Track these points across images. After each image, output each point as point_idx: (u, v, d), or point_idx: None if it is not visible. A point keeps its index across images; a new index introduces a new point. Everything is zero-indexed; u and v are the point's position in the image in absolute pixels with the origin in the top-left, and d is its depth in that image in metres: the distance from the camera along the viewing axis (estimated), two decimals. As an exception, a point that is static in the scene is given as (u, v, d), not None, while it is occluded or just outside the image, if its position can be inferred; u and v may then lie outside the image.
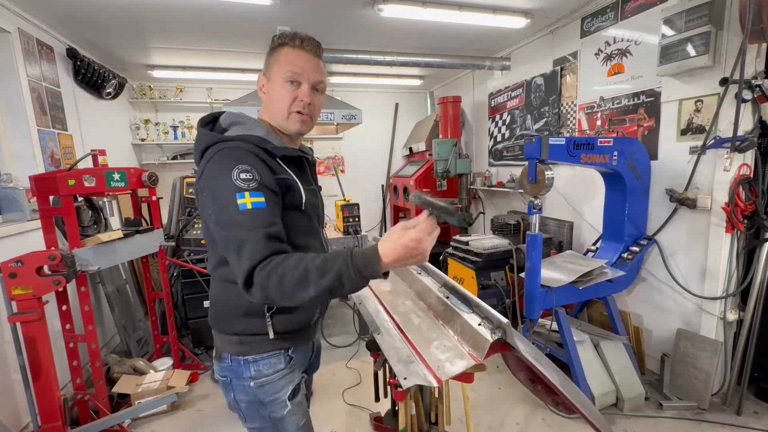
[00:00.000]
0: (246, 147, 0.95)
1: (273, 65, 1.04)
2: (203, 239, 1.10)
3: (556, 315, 2.26)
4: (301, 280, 0.81)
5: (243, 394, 1.04)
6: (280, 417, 1.05)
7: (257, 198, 0.89)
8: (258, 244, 0.85)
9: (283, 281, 0.82)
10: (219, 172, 0.91)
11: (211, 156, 0.95)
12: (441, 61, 3.85)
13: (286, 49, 1.03)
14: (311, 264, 0.83)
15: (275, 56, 1.04)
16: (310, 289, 0.82)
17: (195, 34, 3.31)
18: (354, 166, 5.73)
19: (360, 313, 1.65)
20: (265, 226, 0.88)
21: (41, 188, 2.13)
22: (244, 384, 1.03)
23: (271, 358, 1.04)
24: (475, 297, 1.21)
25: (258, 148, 0.97)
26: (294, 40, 1.02)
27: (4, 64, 2.56)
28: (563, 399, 1.03)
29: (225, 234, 0.89)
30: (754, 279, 2.24)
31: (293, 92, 1.03)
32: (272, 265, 0.83)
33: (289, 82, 1.02)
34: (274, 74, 1.03)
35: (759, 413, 2.26)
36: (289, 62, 1.02)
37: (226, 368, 1.05)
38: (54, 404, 1.98)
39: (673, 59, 2.31)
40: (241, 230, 0.86)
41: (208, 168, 0.94)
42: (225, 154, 0.93)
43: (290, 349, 1.07)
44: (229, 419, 2.42)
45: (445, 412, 1.77)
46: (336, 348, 3.24)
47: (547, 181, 2.10)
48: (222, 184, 0.89)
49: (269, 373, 1.03)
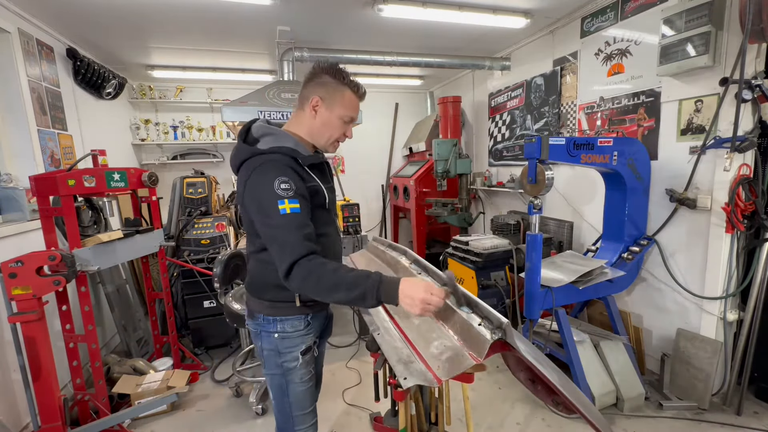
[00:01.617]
0: (282, 160, 1.17)
1: (337, 102, 1.25)
2: (244, 230, 1.35)
3: (556, 315, 2.26)
4: (334, 287, 1.08)
5: (267, 343, 1.32)
6: (291, 368, 1.32)
7: (294, 204, 1.12)
8: (297, 244, 1.10)
9: (319, 283, 1.08)
10: (263, 181, 1.13)
11: (254, 167, 1.16)
12: (441, 61, 3.86)
13: (350, 94, 1.26)
14: (344, 277, 1.08)
15: (339, 95, 1.25)
16: (337, 296, 1.09)
17: (195, 34, 3.31)
18: (354, 166, 5.73)
19: (360, 313, 1.65)
20: (301, 227, 1.12)
21: (41, 188, 2.13)
22: (270, 336, 1.30)
23: (294, 320, 1.30)
24: (475, 297, 1.21)
25: (291, 159, 1.19)
26: (357, 89, 1.28)
27: (4, 64, 2.56)
28: (563, 399, 1.03)
29: (270, 232, 1.13)
30: (754, 279, 2.24)
31: (344, 128, 1.30)
32: (312, 266, 1.09)
33: (344, 122, 1.28)
34: (336, 109, 1.25)
35: (759, 413, 2.26)
36: (352, 108, 1.28)
37: (258, 324, 1.32)
38: (54, 404, 1.98)
39: (673, 59, 2.31)
40: (283, 231, 1.11)
41: (252, 177, 1.16)
42: (267, 167, 1.15)
43: (309, 315, 1.33)
44: (229, 419, 2.42)
45: (445, 412, 1.78)
46: (336, 348, 3.24)
47: (547, 181, 2.10)
48: (266, 192, 1.12)
49: (290, 331, 1.30)
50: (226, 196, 4.30)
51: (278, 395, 1.36)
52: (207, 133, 4.92)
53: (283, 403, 1.36)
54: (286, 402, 1.36)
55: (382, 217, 5.98)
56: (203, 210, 3.50)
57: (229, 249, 3.16)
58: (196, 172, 3.87)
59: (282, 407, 1.37)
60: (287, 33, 3.31)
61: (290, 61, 3.47)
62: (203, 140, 4.90)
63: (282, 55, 3.46)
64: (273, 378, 1.35)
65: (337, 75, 1.24)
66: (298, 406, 1.36)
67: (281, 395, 1.36)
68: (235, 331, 3.20)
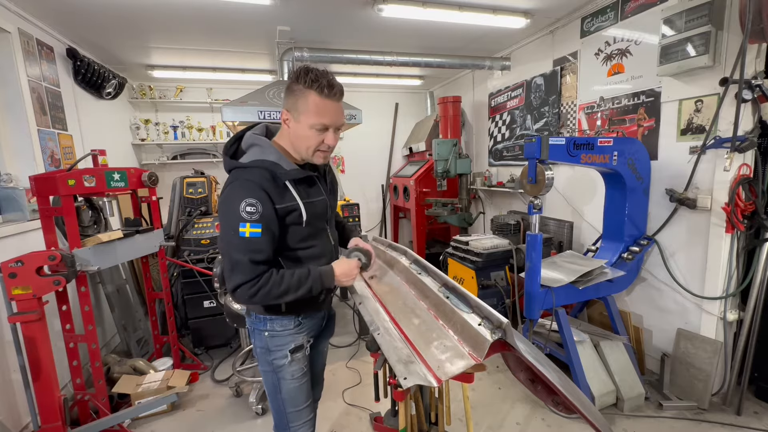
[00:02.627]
0: (257, 179, 1.15)
1: (300, 111, 1.16)
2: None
3: (556, 315, 2.26)
4: (283, 293, 1.19)
5: (259, 341, 1.38)
6: (281, 365, 1.36)
7: (255, 229, 1.14)
8: (247, 267, 1.14)
9: (270, 294, 1.17)
10: (232, 199, 1.14)
11: (230, 182, 1.19)
12: (441, 61, 3.85)
13: (314, 97, 1.14)
14: (290, 282, 1.19)
15: (303, 101, 1.15)
16: (287, 298, 1.21)
17: (195, 34, 3.31)
18: (354, 166, 5.73)
19: (360, 313, 1.66)
20: (255, 252, 1.15)
21: (41, 188, 2.13)
22: (261, 333, 1.36)
23: (283, 320, 1.35)
24: (475, 297, 1.21)
25: (268, 176, 1.17)
26: (322, 90, 1.13)
27: (4, 64, 2.56)
28: (563, 399, 1.03)
29: (226, 248, 1.16)
30: (754, 279, 2.24)
31: (320, 136, 1.19)
32: (260, 283, 1.16)
33: (316, 130, 1.18)
34: (302, 119, 1.17)
35: (759, 413, 2.26)
36: (318, 114, 1.15)
37: (252, 321, 1.38)
38: (54, 404, 1.98)
39: (673, 59, 2.31)
40: (237, 252, 1.14)
41: (225, 192, 1.18)
42: (239, 186, 1.15)
43: (300, 316, 1.37)
44: (229, 419, 2.42)
45: (445, 412, 1.77)
46: (336, 348, 3.24)
47: (547, 181, 2.10)
48: (232, 211, 1.13)
49: (279, 330, 1.35)
50: (226, 196, 4.29)
51: (272, 392, 1.41)
52: (207, 133, 4.92)
53: (276, 400, 1.40)
54: (279, 399, 1.40)
55: (382, 217, 5.98)
56: (203, 210, 3.50)
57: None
58: (196, 172, 3.87)
59: (276, 404, 1.41)
60: (287, 33, 3.31)
61: (290, 61, 3.47)
62: (203, 140, 4.90)
63: (282, 55, 3.46)
64: (266, 375, 1.40)
65: (300, 78, 1.14)
66: (291, 403, 1.40)
67: (274, 392, 1.40)
68: (235, 331, 3.20)
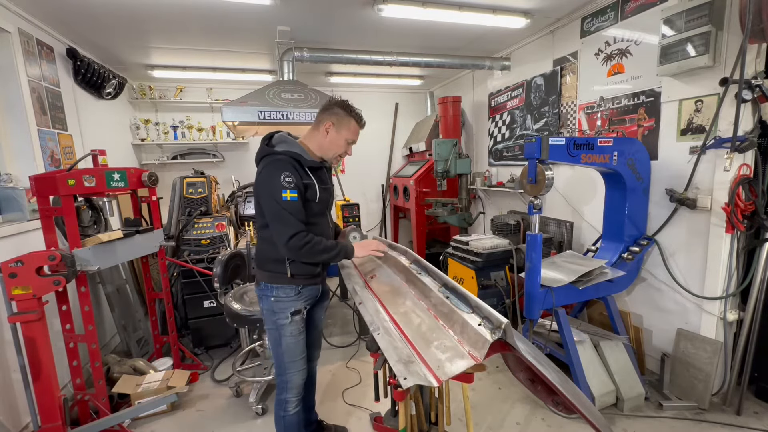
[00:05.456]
0: (288, 160, 1.60)
1: (344, 127, 1.70)
2: (254, 217, 1.81)
3: (556, 315, 2.26)
4: (321, 251, 1.62)
5: (266, 305, 1.73)
6: (282, 324, 1.71)
7: (293, 194, 1.57)
8: (295, 222, 1.57)
9: (312, 249, 1.59)
10: (274, 173, 1.57)
11: (269, 162, 1.61)
12: (441, 61, 3.85)
13: (354, 124, 1.73)
14: (326, 244, 1.64)
15: (345, 123, 1.70)
16: (324, 256, 1.65)
17: (195, 34, 3.30)
18: (354, 166, 5.72)
19: (360, 313, 1.67)
20: (297, 212, 1.59)
21: (41, 188, 2.13)
22: (268, 299, 1.72)
23: (286, 288, 1.70)
24: (475, 297, 1.21)
25: (294, 161, 1.62)
26: (359, 121, 1.75)
27: (4, 64, 2.56)
28: (563, 399, 1.03)
29: (276, 210, 1.57)
30: (754, 279, 2.24)
31: (346, 147, 1.76)
32: (308, 239, 1.58)
33: (347, 143, 1.75)
34: (342, 133, 1.71)
35: (759, 413, 2.26)
36: (354, 133, 1.75)
37: (261, 289, 1.74)
38: (54, 404, 1.98)
39: (673, 59, 2.31)
40: (286, 211, 1.56)
41: (266, 169, 1.60)
42: (278, 163, 1.59)
43: (300, 286, 1.72)
44: (229, 419, 2.42)
45: (445, 412, 1.78)
46: (336, 348, 3.24)
47: (547, 181, 2.10)
48: (274, 181, 1.56)
49: (282, 296, 1.70)
50: (226, 196, 4.30)
51: (274, 346, 1.76)
52: (207, 133, 4.92)
53: (277, 352, 1.76)
54: (279, 351, 1.75)
55: (382, 217, 5.98)
56: (203, 210, 3.50)
57: (229, 249, 3.16)
58: (196, 172, 3.87)
59: (277, 356, 1.77)
60: (287, 33, 3.31)
61: (290, 61, 3.47)
62: (203, 140, 4.90)
63: (282, 55, 3.46)
64: (270, 332, 1.77)
65: (346, 108, 1.71)
66: (288, 355, 1.75)
67: (276, 346, 1.75)
68: (235, 331, 3.20)
